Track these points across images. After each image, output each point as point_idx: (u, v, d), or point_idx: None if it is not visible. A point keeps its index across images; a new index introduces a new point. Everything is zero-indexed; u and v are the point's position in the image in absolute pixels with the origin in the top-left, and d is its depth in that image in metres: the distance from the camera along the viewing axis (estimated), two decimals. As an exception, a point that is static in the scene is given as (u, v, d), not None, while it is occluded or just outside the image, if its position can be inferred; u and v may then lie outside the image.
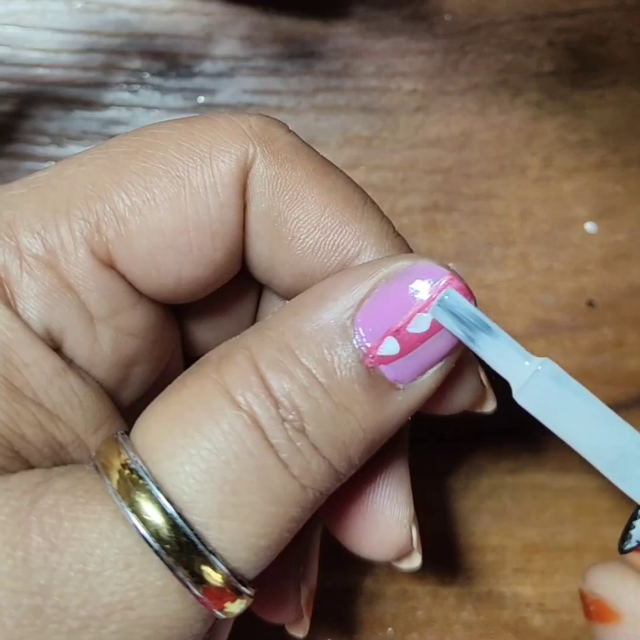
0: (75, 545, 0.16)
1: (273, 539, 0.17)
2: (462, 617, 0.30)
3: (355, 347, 0.17)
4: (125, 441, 0.17)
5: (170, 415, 0.17)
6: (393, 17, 0.33)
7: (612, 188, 0.32)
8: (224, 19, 0.33)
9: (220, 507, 0.16)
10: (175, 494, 0.16)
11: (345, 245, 0.19)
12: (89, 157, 0.19)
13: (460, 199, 0.32)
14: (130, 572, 0.16)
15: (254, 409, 0.16)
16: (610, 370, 0.32)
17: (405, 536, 0.21)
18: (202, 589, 0.16)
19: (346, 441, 0.17)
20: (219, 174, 0.19)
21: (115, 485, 0.16)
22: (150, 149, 0.19)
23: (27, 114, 0.32)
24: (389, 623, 0.30)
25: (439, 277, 0.17)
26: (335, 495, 0.20)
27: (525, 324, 0.32)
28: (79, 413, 0.18)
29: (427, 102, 0.33)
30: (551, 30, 0.33)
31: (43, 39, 0.32)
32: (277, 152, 0.19)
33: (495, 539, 0.31)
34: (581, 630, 0.30)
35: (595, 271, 0.32)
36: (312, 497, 0.17)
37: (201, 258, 0.19)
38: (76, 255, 0.18)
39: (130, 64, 0.32)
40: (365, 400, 0.17)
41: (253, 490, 0.16)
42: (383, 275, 0.17)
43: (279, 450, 0.16)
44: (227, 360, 0.17)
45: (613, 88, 0.33)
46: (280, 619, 0.22)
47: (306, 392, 0.17)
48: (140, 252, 0.18)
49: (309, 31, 0.33)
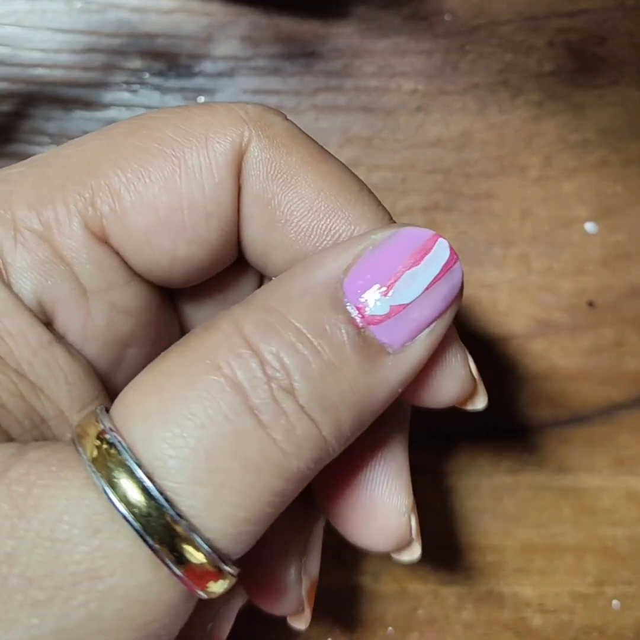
0: (43, 512, 0.15)
1: (252, 511, 0.16)
2: (462, 617, 0.30)
3: (345, 307, 0.17)
4: (102, 412, 0.17)
5: (148, 384, 0.17)
6: (393, 17, 0.33)
7: (612, 188, 0.32)
8: (224, 19, 0.33)
9: (193, 473, 0.16)
10: (147, 458, 0.16)
11: (338, 230, 0.19)
12: (87, 138, 0.19)
13: (460, 199, 0.32)
14: (98, 538, 0.15)
15: (235, 370, 0.16)
16: (610, 370, 0.32)
17: (404, 525, 0.20)
18: (175, 559, 0.15)
19: (336, 403, 0.17)
20: (214, 154, 0.19)
21: (89, 454, 0.16)
22: (147, 129, 0.19)
23: (27, 114, 0.32)
24: (389, 622, 0.30)
25: (424, 237, 0.17)
26: (334, 483, 0.20)
27: (525, 324, 0.32)
28: (64, 388, 0.18)
29: (427, 102, 0.33)
30: (551, 30, 0.33)
31: (43, 39, 0.32)
32: (273, 136, 0.19)
33: (495, 539, 0.31)
34: (581, 630, 0.30)
35: (595, 271, 0.32)
36: (297, 468, 0.16)
37: (195, 237, 0.19)
38: (70, 228, 0.18)
39: (130, 64, 0.32)
40: (355, 361, 0.17)
41: (229, 456, 0.16)
42: (371, 242, 0.17)
43: (260, 412, 0.16)
44: (210, 328, 0.17)
45: (613, 88, 0.33)
46: (281, 610, 0.22)
47: (295, 350, 0.16)
48: (134, 228, 0.19)
49: (309, 31, 0.33)
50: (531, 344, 0.32)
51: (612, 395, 0.31)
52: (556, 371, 0.32)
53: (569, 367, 0.32)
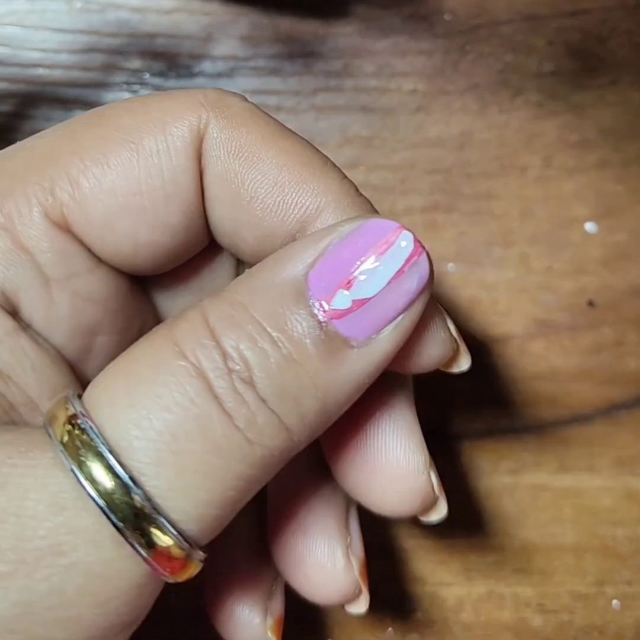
0: (10, 489, 0.16)
1: (216, 494, 0.16)
2: (462, 617, 0.30)
3: (308, 302, 0.17)
4: (74, 397, 0.17)
5: (117, 370, 0.17)
6: (393, 17, 0.33)
7: (612, 188, 0.32)
8: (224, 19, 0.33)
9: (158, 453, 0.16)
10: (114, 439, 0.16)
11: (304, 203, 0.19)
12: (49, 131, 0.20)
13: (460, 199, 0.32)
14: (63, 515, 0.15)
15: (200, 359, 0.16)
16: (610, 370, 0.31)
17: (425, 482, 0.20)
18: (139, 539, 0.16)
19: (296, 396, 0.17)
20: (172, 138, 0.19)
21: (59, 436, 0.16)
22: (107, 119, 0.19)
23: (27, 114, 0.32)
24: (389, 623, 0.30)
25: (388, 230, 0.17)
26: (348, 456, 0.20)
27: (525, 324, 0.32)
28: (31, 376, 0.18)
29: (427, 102, 0.33)
30: (551, 30, 0.33)
31: (43, 39, 0.32)
32: (231, 116, 0.19)
33: (495, 539, 0.31)
34: (581, 630, 0.30)
35: (595, 271, 0.32)
36: (260, 455, 0.17)
37: (156, 221, 0.19)
38: (30, 217, 0.19)
39: (130, 64, 0.32)
40: (316, 355, 0.17)
41: (194, 439, 0.16)
42: (336, 234, 0.17)
43: (223, 400, 0.16)
44: (179, 318, 0.17)
45: (613, 88, 0.33)
46: (339, 599, 0.22)
47: (255, 344, 0.17)
48: (94, 214, 0.19)
49: (309, 31, 0.33)
50: (531, 344, 0.32)
51: (612, 395, 0.31)
52: (556, 371, 0.31)
53: (569, 367, 0.32)
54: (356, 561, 0.22)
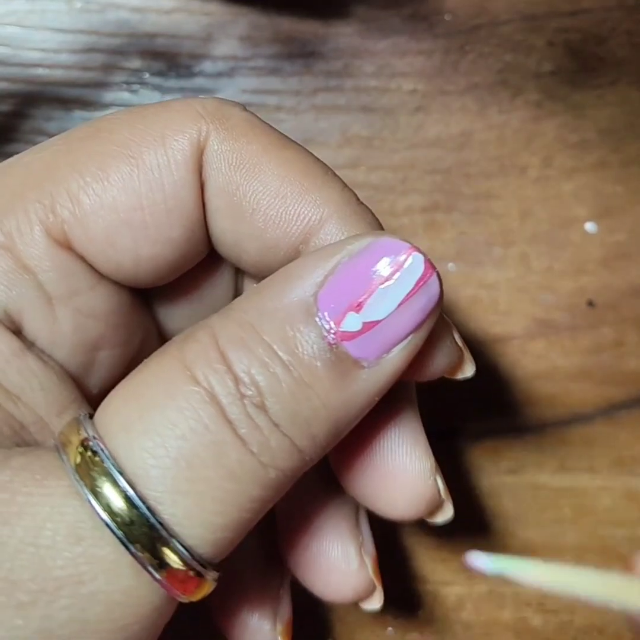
0: (27, 519, 0.16)
1: (231, 518, 0.16)
2: (462, 616, 0.30)
3: (317, 323, 0.17)
4: (85, 420, 0.17)
5: (129, 393, 0.17)
6: (393, 17, 0.33)
7: (612, 188, 0.32)
8: (224, 19, 0.33)
9: (174, 482, 0.16)
10: (129, 467, 0.16)
11: (307, 215, 0.19)
12: (46, 145, 0.20)
13: (460, 199, 0.32)
14: (81, 545, 0.16)
15: (213, 384, 0.16)
16: (610, 370, 0.32)
17: (431, 487, 0.20)
18: (156, 565, 0.16)
19: (308, 418, 0.17)
20: (172, 152, 0.19)
21: (73, 462, 0.16)
22: (105, 132, 0.19)
23: (27, 114, 0.32)
24: (389, 623, 0.30)
25: (399, 251, 0.17)
26: (355, 464, 0.20)
27: (525, 324, 0.32)
28: (39, 394, 0.18)
29: (427, 102, 0.33)
30: (551, 30, 0.33)
31: (43, 39, 0.32)
32: (231, 128, 0.19)
33: (496, 539, 0.31)
34: (581, 631, 0.30)
35: (595, 271, 0.32)
36: (274, 476, 0.17)
37: (158, 236, 0.19)
38: (31, 236, 0.18)
39: (130, 64, 0.32)
40: (327, 377, 0.17)
41: (209, 466, 0.16)
42: (346, 253, 0.17)
43: (236, 426, 0.16)
44: (189, 339, 0.17)
45: (613, 88, 0.33)
46: (355, 597, 0.22)
47: (266, 368, 0.16)
48: (95, 231, 0.19)
49: (309, 31, 0.33)
50: (531, 344, 0.32)
51: (612, 395, 0.31)
52: (556, 371, 0.32)
53: (569, 367, 0.32)
54: (369, 559, 0.22)
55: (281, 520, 0.23)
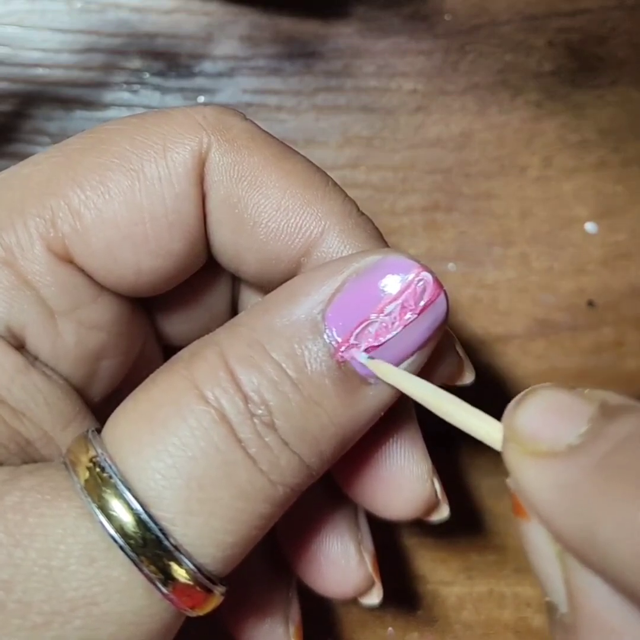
0: (39, 541, 0.16)
1: (241, 535, 0.17)
2: (463, 616, 0.30)
3: (325, 341, 0.17)
4: (95, 438, 0.17)
5: (139, 413, 0.17)
6: (393, 17, 0.33)
7: (612, 188, 0.32)
8: (224, 19, 0.33)
9: (186, 503, 0.16)
10: (142, 489, 0.16)
11: (308, 227, 0.19)
12: (44, 156, 0.19)
13: (460, 199, 0.32)
14: (94, 567, 0.16)
15: (222, 404, 0.16)
16: (610, 370, 0.32)
17: (429, 489, 0.21)
18: (169, 585, 0.16)
19: (317, 436, 0.17)
20: (173, 165, 0.19)
21: (83, 482, 0.16)
22: (104, 144, 0.19)
23: (27, 114, 0.32)
24: (389, 623, 0.30)
25: (408, 270, 0.17)
26: (355, 468, 0.20)
27: (525, 324, 0.32)
28: (44, 410, 0.18)
29: (427, 102, 0.33)
30: (551, 30, 0.33)
31: (43, 39, 0.32)
32: (233, 139, 0.19)
33: (496, 538, 0.31)
34: (581, 630, 0.30)
35: (595, 271, 0.32)
36: (282, 493, 0.17)
37: (159, 249, 0.19)
38: (32, 252, 0.18)
39: (130, 64, 0.32)
40: (335, 394, 0.17)
41: (220, 486, 0.16)
42: (354, 270, 0.17)
43: (247, 445, 0.16)
44: (197, 357, 0.17)
45: (613, 88, 0.33)
46: (354, 592, 0.22)
47: (275, 387, 0.17)
48: (96, 245, 0.19)
49: (309, 31, 0.33)
50: (531, 344, 0.32)
51: (612, 395, 0.31)
52: (556, 371, 0.32)
53: (569, 367, 0.32)
54: (368, 555, 0.22)
55: (282, 520, 0.23)
